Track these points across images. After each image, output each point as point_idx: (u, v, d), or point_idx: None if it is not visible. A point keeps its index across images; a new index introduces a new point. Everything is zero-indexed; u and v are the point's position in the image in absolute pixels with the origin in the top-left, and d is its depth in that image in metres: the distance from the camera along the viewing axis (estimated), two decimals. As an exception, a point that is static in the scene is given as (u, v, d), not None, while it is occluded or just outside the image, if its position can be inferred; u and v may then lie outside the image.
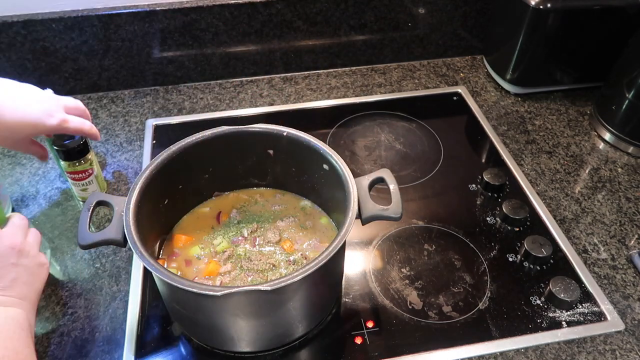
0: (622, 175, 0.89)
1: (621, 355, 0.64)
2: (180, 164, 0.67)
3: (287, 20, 1.03)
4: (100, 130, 0.97)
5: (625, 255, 0.76)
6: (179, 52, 1.03)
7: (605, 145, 0.95)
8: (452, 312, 0.68)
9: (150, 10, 0.96)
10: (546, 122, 0.99)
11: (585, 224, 0.80)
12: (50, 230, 0.79)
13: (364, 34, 1.08)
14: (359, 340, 0.65)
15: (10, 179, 0.87)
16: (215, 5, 0.97)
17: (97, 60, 1.00)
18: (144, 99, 1.04)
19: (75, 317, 0.68)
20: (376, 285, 0.72)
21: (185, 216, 0.74)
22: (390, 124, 0.99)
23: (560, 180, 0.88)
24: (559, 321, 0.67)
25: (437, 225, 0.80)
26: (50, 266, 0.74)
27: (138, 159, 0.91)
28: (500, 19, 1.05)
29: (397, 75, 1.11)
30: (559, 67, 1.01)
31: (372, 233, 0.78)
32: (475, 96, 1.06)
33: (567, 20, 0.92)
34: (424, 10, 1.07)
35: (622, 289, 0.72)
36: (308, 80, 1.10)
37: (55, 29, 0.94)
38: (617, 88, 0.91)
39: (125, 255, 0.75)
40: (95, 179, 0.80)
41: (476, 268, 0.74)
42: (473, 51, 1.16)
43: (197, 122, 0.99)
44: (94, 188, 0.80)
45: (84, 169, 0.77)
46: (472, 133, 0.98)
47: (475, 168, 0.90)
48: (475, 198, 0.84)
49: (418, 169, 0.90)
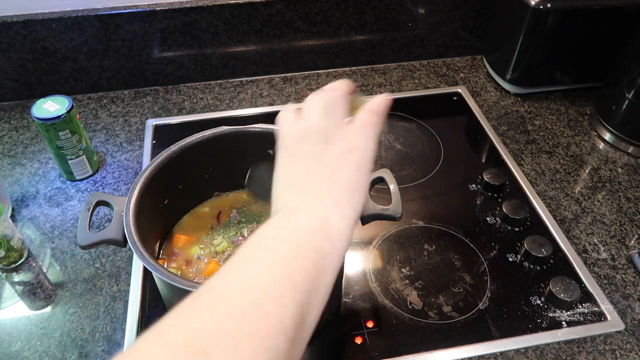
0: (622, 175, 0.89)
1: (621, 355, 0.64)
2: (180, 164, 0.67)
3: (287, 20, 1.03)
4: (100, 130, 0.97)
5: (625, 255, 0.76)
6: (179, 52, 1.03)
7: (605, 145, 0.95)
8: (452, 312, 0.68)
9: (150, 10, 0.96)
10: (546, 122, 0.99)
11: (585, 224, 0.80)
12: (50, 230, 0.79)
13: (364, 34, 1.08)
14: (359, 340, 0.65)
15: (10, 179, 0.87)
16: (215, 5, 0.97)
17: (97, 60, 1.00)
18: (144, 99, 1.04)
19: (75, 317, 0.68)
20: (376, 285, 0.72)
21: (185, 216, 0.74)
22: (390, 124, 0.99)
23: (560, 180, 0.88)
24: (559, 321, 0.67)
25: (437, 225, 0.80)
26: (50, 266, 0.74)
27: (138, 159, 0.91)
28: (500, 19, 1.05)
29: (397, 75, 1.11)
30: (559, 67, 1.01)
31: (372, 233, 0.78)
32: (475, 96, 1.06)
33: (567, 20, 0.92)
34: (424, 10, 1.07)
35: (622, 289, 0.72)
36: (308, 80, 1.10)
37: (55, 29, 0.94)
38: (617, 88, 0.91)
39: (125, 255, 0.75)
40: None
41: (476, 268, 0.74)
42: (473, 51, 1.16)
43: (197, 122, 0.99)
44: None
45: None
46: (472, 133, 0.98)
47: (475, 168, 0.90)
48: (475, 198, 0.84)
49: (418, 169, 0.90)
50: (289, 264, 0.33)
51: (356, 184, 0.41)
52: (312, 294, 0.33)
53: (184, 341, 0.27)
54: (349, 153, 0.42)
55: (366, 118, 0.44)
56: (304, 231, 0.36)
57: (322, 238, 0.36)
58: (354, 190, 0.41)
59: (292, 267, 0.33)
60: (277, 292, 0.31)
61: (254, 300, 0.30)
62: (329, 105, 0.43)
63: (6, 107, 1.01)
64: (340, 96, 0.44)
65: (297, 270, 0.33)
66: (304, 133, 0.43)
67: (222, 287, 0.31)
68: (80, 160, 0.84)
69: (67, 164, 0.84)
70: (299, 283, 0.32)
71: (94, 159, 0.88)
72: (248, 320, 0.29)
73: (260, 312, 0.29)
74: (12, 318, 0.68)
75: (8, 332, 0.66)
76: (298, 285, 0.32)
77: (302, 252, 0.35)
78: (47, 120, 0.77)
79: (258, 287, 0.31)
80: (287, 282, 0.32)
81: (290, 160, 0.43)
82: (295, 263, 0.33)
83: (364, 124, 0.44)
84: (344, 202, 0.40)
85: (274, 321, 0.29)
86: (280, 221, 0.38)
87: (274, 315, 0.30)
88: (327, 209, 0.39)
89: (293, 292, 0.32)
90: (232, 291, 0.31)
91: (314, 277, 0.34)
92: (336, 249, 0.37)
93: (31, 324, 0.67)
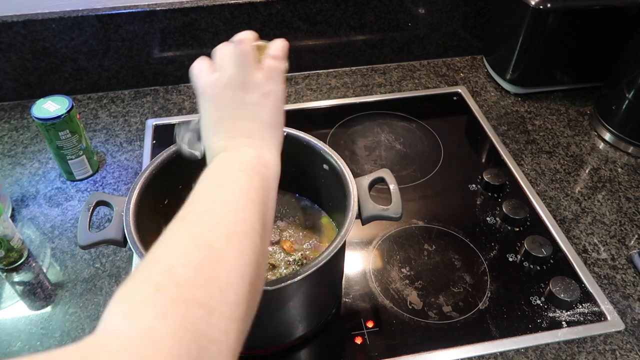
0: (622, 175, 0.89)
1: (621, 355, 0.64)
2: (180, 164, 0.67)
3: (287, 20, 1.02)
4: (100, 130, 0.97)
5: (625, 255, 0.76)
6: (179, 52, 1.03)
7: (605, 145, 0.95)
8: (452, 312, 0.68)
9: (150, 10, 0.96)
10: (546, 122, 0.99)
11: (585, 224, 0.80)
12: (50, 230, 0.79)
13: (364, 34, 1.08)
14: (359, 340, 0.65)
15: (10, 179, 0.87)
16: (215, 5, 0.97)
17: (97, 60, 1.00)
18: (144, 99, 1.04)
19: (75, 317, 0.68)
20: (376, 285, 0.72)
21: (185, 216, 0.73)
22: (390, 124, 0.99)
23: (560, 180, 0.88)
24: (559, 321, 0.67)
25: (437, 225, 0.80)
26: (50, 266, 0.74)
27: (138, 159, 0.91)
28: (500, 19, 1.05)
29: (397, 75, 1.11)
30: (559, 67, 1.01)
31: (372, 233, 0.78)
32: (475, 96, 1.06)
33: (567, 20, 0.92)
34: (424, 10, 1.07)
35: (622, 289, 0.72)
36: (308, 80, 1.10)
37: (55, 29, 0.94)
38: (617, 88, 0.91)
39: (125, 255, 0.75)
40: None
41: (476, 268, 0.74)
42: (473, 51, 1.16)
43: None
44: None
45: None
46: (472, 133, 0.98)
47: (475, 168, 0.90)
48: (475, 198, 0.84)
49: (418, 169, 0.90)
50: (245, 185, 0.43)
51: (277, 122, 0.51)
52: (264, 206, 0.43)
53: (193, 242, 0.36)
54: (265, 97, 0.49)
55: (272, 64, 0.51)
56: (247, 162, 0.45)
57: (260, 165, 0.46)
58: (275, 128, 0.50)
59: (247, 187, 0.42)
60: (243, 204, 0.41)
61: (230, 211, 0.39)
62: (240, 57, 0.49)
63: (6, 107, 1.01)
64: (249, 47, 0.50)
65: (251, 189, 0.42)
66: (223, 84, 0.49)
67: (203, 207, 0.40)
68: (80, 160, 0.84)
69: (67, 164, 0.84)
70: (255, 198, 0.42)
71: (94, 159, 0.88)
72: (233, 224, 0.38)
73: (238, 219, 0.39)
74: (12, 318, 0.68)
75: (8, 332, 0.66)
76: (255, 199, 0.42)
77: (250, 176, 0.44)
78: (47, 120, 0.77)
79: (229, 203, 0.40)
80: (248, 198, 0.41)
81: (215, 110, 0.49)
82: (249, 184, 0.43)
83: (272, 69, 0.51)
84: (269, 138, 0.49)
85: (248, 224, 0.39)
86: (225, 159, 0.46)
87: (246, 220, 0.39)
88: (258, 145, 0.47)
89: (253, 204, 0.41)
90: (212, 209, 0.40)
91: (263, 194, 0.43)
92: (272, 173, 0.47)
93: (31, 324, 0.67)
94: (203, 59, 0.52)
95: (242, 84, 0.49)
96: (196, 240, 0.36)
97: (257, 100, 0.49)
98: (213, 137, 0.49)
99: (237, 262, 0.36)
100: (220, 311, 0.32)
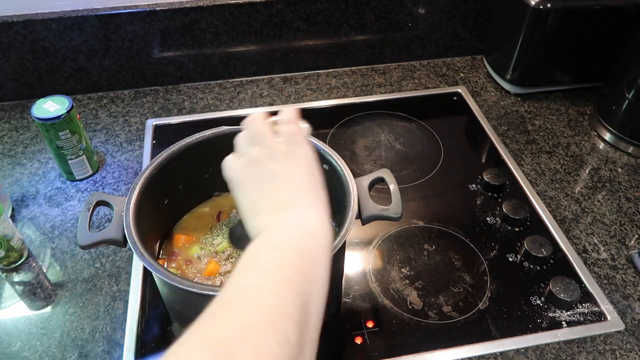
0: (622, 175, 0.89)
1: (621, 355, 0.64)
2: (180, 164, 0.67)
3: (287, 20, 1.03)
4: (100, 130, 0.97)
5: (625, 255, 0.76)
6: (179, 52, 1.03)
7: (605, 145, 0.95)
8: (452, 312, 0.68)
9: (150, 10, 0.96)
10: (546, 122, 0.99)
11: (585, 224, 0.80)
12: (50, 230, 0.79)
13: (364, 34, 1.08)
14: (359, 340, 0.65)
15: (10, 179, 0.87)
16: (215, 5, 0.97)
17: (97, 60, 1.00)
18: (144, 99, 1.04)
19: (75, 317, 0.68)
20: (376, 285, 0.72)
21: (185, 216, 0.74)
22: (390, 124, 0.99)
23: (560, 180, 0.88)
24: (559, 321, 0.67)
25: (437, 225, 0.80)
26: (50, 266, 0.74)
27: (138, 159, 0.91)
28: (500, 19, 1.05)
29: (397, 75, 1.11)
30: (559, 67, 1.01)
31: (372, 233, 0.78)
32: (475, 96, 1.06)
33: (567, 20, 0.92)
34: (424, 10, 1.07)
35: (622, 289, 0.72)
36: (308, 80, 1.10)
37: (55, 29, 0.94)
38: (617, 88, 0.91)
39: (125, 255, 0.75)
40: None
41: (476, 268, 0.74)
42: (473, 51, 1.16)
43: (197, 122, 0.99)
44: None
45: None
46: (472, 133, 0.98)
47: (475, 168, 0.90)
48: (475, 198, 0.84)
49: (418, 169, 0.90)
50: (277, 263, 0.38)
51: (314, 183, 0.46)
52: (307, 284, 0.37)
53: (200, 341, 0.31)
54: (294, 161, 0.46)
55: (289, 128, 0.49)
56: (283, 237, 0.41)
57: (301, 237, 0.41)
58: (313, 189, 0.46)
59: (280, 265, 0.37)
60: (273, 287, 0.35)
61: (252, 298, 0.34)
62: (254, 134, 0.48)
63: (6, 107, 1.01)
64: (259, 123, 0.49)
65: (286, 267, 0.37)
66: (248, 164, 0.47)
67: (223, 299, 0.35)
68: (80, 160, 0.84)
69: (67, 164, 0.84)
70: (292, 276, 0.37)
71: (94, 159, 0.88)
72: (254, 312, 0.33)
73: (261, 305, 0.34)
74: (12, 318, 0.68)
75: (8, 332, 0.66)
76: (292, 277, 0.37)
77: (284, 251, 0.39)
78: (47, 120, 0.77)
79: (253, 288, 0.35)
80: (280, 278, 0.36)
81: (247, 192, 0.47)
82: (283, 261, 0.38)
83: (291, 133, 0.48)
84: (311, 202, 0.45)
85: (275, 309, 0.34)
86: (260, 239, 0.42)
87: (274, 305, 0.34)
88: (299, 214, 0.43)
89: (288, 284, 0.36)
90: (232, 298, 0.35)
91: (305, 270, 0.38)
92: (319, 242, 0.41)
93: (31, 324, 0.67)
94: (229, 156, 0.50)
95: (267, 157, 0.46)
96: (204, 339, 0.31)
97: (286, 168, 0.46)
98: (251, 222, 0.45)
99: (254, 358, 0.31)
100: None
